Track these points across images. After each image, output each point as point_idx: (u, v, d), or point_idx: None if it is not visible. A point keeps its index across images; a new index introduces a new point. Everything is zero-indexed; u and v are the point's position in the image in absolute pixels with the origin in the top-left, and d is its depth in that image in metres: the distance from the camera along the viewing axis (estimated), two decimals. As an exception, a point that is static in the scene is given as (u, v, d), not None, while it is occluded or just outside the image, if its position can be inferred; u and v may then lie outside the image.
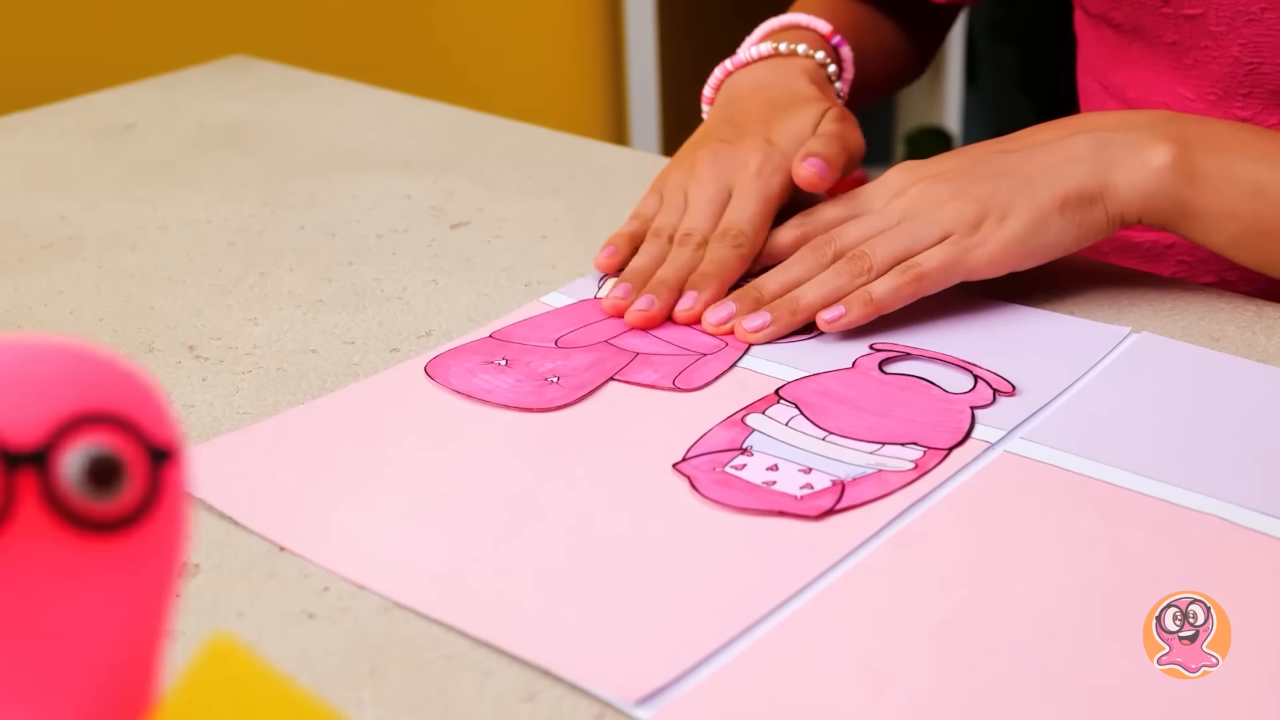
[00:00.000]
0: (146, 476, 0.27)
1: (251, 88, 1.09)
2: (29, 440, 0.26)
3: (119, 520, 0.27)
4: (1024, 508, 0.54)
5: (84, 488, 0.26)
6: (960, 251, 0.66)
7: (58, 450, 0.26)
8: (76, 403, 0.27)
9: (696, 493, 0.54)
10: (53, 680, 0.26)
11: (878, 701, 0.44)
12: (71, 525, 0.26)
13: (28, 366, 0.27)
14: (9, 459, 0.26)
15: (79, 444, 0.26)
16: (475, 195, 0.86)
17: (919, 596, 0.49)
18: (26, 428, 0.26)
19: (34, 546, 0.26)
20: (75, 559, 0.27)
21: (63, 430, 0.26)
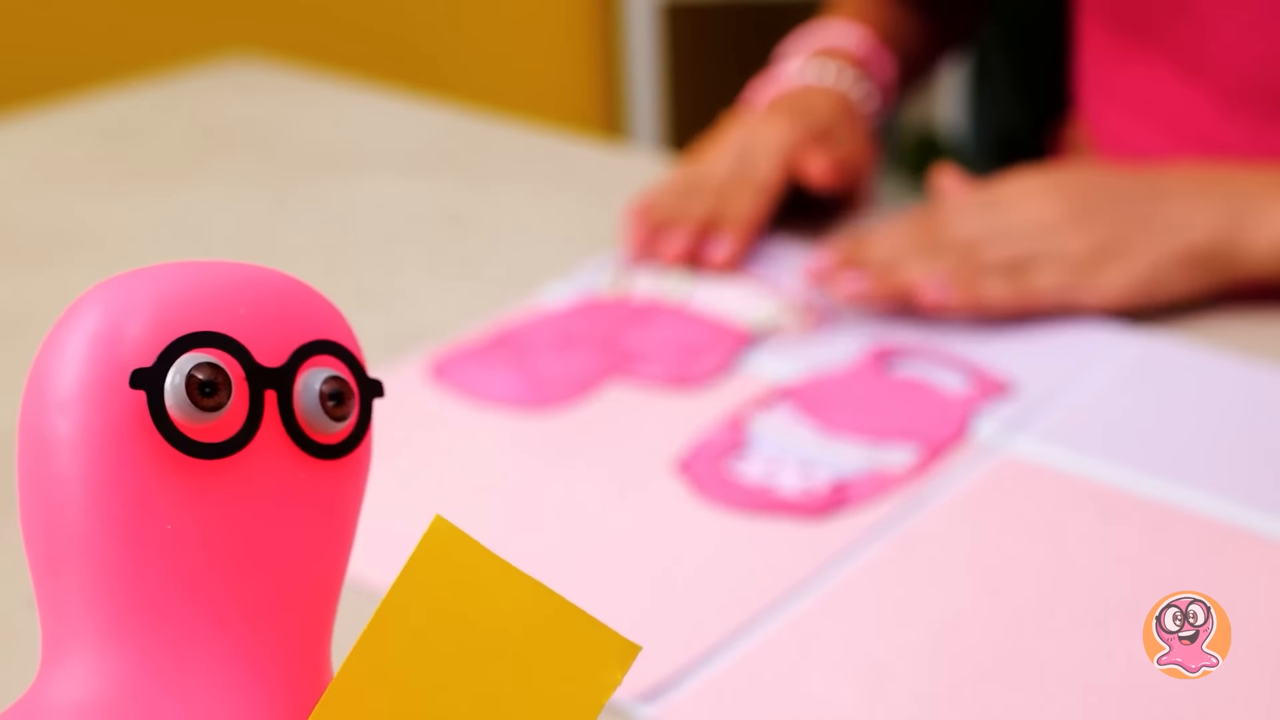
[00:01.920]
0: (360, 407, 0.28)
1: (251, 88, 1.09)
2: (272, 361, 0.27)
3: (338, 446, 0.28)
4: (1024, 508, 0.54)
5: (318, 412, 0.27)
6: (1076, 284, 0.65)
7: (298, 373, 0.27)
8: (310, 330, 0.28)
9: (696, 493, 0.55)
10: (274, 592, 0.27)
11: (878, 700, 0.44)
12: (303, 447, 0.27)
13: (262, 291, 0.28)
14: (256, 376, 0.27)
15: (314, 369, 0.27)
16: (475, 195, 0.86)
17: (919, 596, 0.49)
18: (270, 349, 0.27)
19: (271, 463, 0.27)
20: (302, 479, 0.27)
21: (300, 355, 0.27)
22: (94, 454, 0.25)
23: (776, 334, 0.67)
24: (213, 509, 0.26)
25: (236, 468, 0.27)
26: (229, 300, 0.27)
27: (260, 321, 0.27)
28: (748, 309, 0.69)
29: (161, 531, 0.26)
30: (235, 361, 0.26)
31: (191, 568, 0.26)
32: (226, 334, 0.26)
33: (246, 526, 0.27)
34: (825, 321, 0.68)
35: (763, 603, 0.48)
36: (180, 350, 0.26)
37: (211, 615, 0.26)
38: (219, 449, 0.26)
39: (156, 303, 0.26)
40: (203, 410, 0.26)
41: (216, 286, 0.27)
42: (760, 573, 0.50)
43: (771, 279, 0.72)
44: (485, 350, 0.66)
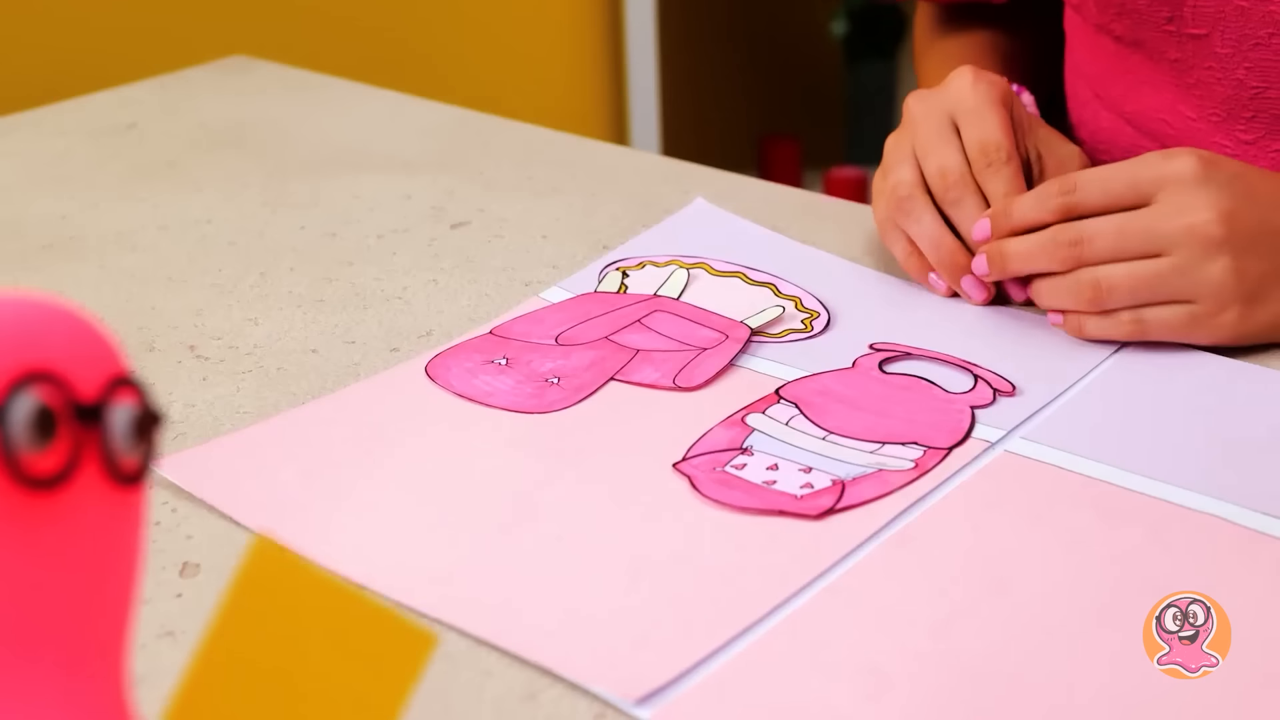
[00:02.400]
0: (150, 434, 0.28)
1: (252, 88, 1.09)
2: (89, 395, 0.27)
3: (139, 473, 0.28)
4: (1024, 508, 0.54)
5: (129, 442, 0.27)
6: (1194, 325, 0.62)
7: (109, 405, 0.27)
8: (116, 364, 0.28)
9: (696, 493, 0.55)
10: (102, 628, 0.27)
11: (878, 701, 0.44)
12: (116, 477, 0.27)
13: (68, 326, 0.27)
14: (79, 411, 0.27)
15: (121, 401, 0.27)
16: (475, 195, 0.86)
17: (919, 596, 0.49)
18: (87, 383, 0.27)
19: (91, 497, 0.27)
20: (117, 510, 0.28)
21: (112, 388, 0.27)
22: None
23: (776, 334, 0.67)
24: (44, 544, 0.26)
25: (62, 503, 0.27)
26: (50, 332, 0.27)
27: (78, 356, 0.27)
28: (748, 309, 0.69)
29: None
30: (59, 395, 0.27)
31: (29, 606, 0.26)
32: (51, 369, 0.27)
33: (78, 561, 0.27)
34: (825, 321, 0.68)
35: (762, 603, 0.48)
36: (21, 387, 0.26)
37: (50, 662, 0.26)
38: (48, 482, 0.26)
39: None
40: (38, 445, 0.26)
41: (23, 317, 0.27)
42: (760, 573, 0.50)
43: (771, 279, 0.72)
44: (485, 350, 0.66)
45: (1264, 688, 0.44)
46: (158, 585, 0.51)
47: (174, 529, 0.54)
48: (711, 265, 0.73)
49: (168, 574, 0.52)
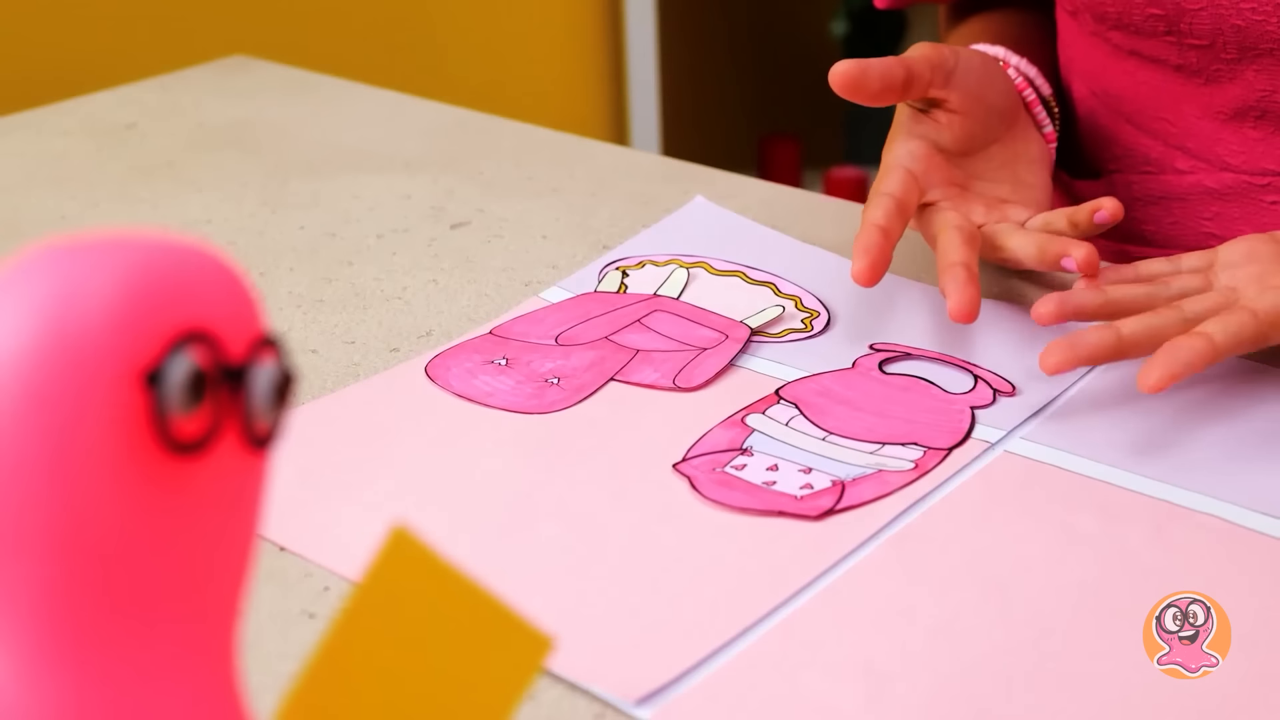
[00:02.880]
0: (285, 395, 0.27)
1: (252, 88, 1.09)
2: (235, 356, 0.26)
3: (272, 436, 0.27)
4: (1024, 508, 0.54)
5: (269, 406, 0.26)
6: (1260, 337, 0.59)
7: (253, 367, 0.26)
8: (258, 324, 0.27)
9: (696, 493, 0.55)
10: (229, 585, 0.27)
11: (877, 701, 0.44)
12: (254, 441, 0.27)
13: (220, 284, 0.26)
14: (226, 373, 0.26)
15: (265, 363, 0.26)
16: (475, 195, 0.86)
17: (919, 596, 0.49)
18: (234, 343, 0.26)
19: (230, 457, 0.26)
20: (252, 474, 0.27)
21: (257, 349, 0.27)
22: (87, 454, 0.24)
23: (776, 334, 0.67)
24: (187, 507, 0.26)
25: (205, 465, 0.26)
26: (198, 287, 0.26)
27: (226, 314, 0.26)
28: (748, 309, 0.69)
29: (144, 531, 0.25)
30: (210, 357, 0.26)
31: (157, 566, 0.26)
32: (206, 329, 0.26)
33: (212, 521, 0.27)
34: (825, 321, 0.68)
35: (762, 603, 0.48)
36: (171, 347, 0.25)
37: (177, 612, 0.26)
38: (196, 446, 0.25)
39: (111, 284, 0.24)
40: (188, 409, 0.25)
41: (180, 270, 0.26)
42: (760, 573, 0.50)
43: (771, 279, 0.72)
44: (485, 350, 0.66)
45: (1264, 688, 0.44)
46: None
47: (174, 529, 0.54)
48: (711, 264, 0.73)
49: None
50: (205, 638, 0.27)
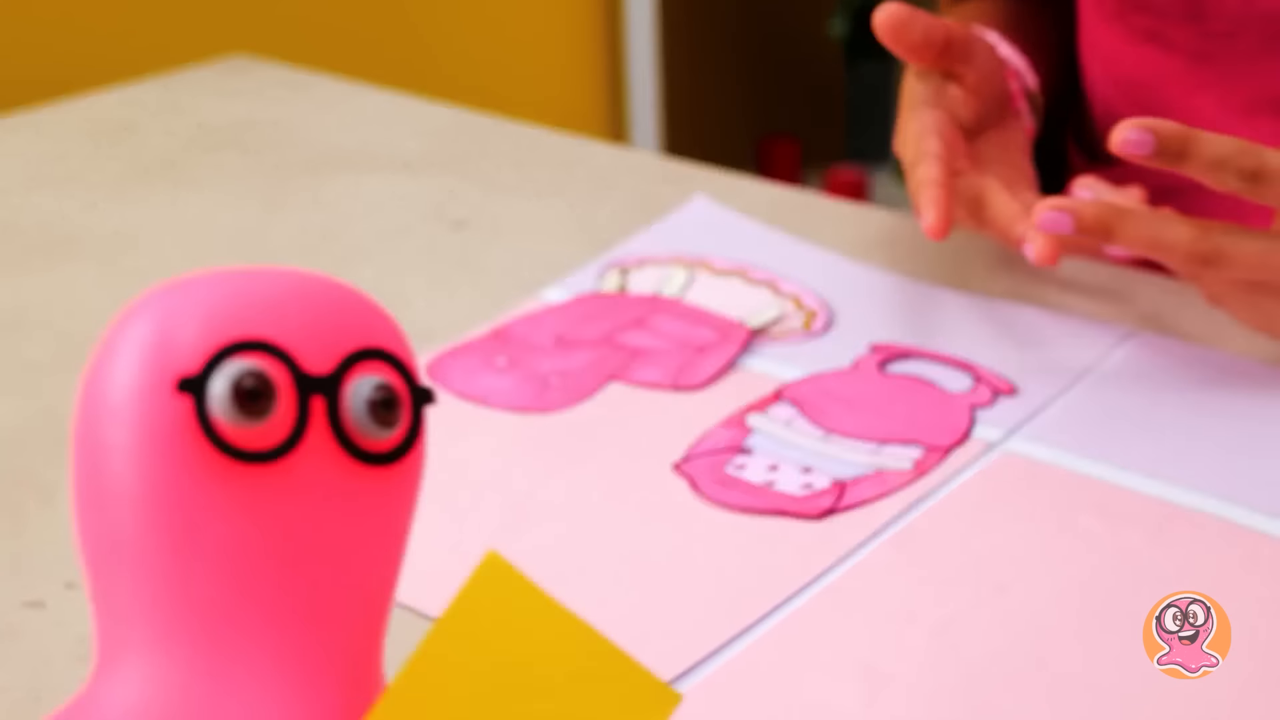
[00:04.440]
0: (411, 415, 0.28)
1: (252, 88, 1.09)
2: (320, 368, 0.27)
3: (388, 454, 0.28)
4: (1024, 508, 0.54)
5: (366, 419, 0.27)
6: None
7: (345, 380, 0.27)
8: (360, 338, 0.28)
9: (696, 493, 0.55)
10: (318, 597, 0.27)
11: (877, 701, 0.44)
12: (351, 454, 0.27)
13: (314, 299, 0.28)
14: (304, 383, 0.27)
15: (363, 377, 0.28)
16: (475, 195, 0.86)
17: (919, 596, 0.49)
18: (319, 356, 0.27)
19: (318, 470, 0.27)
20: (349, 487, 0.27)
21: (349, 362, 0.28)
22: (143, 460, 0.26)
23: (776, 334, 0.67)
24: (262, 514, 0.27)
25: (285, 474, 0.27)
26: (278, 307, 0.27)
27: (310, 329, 0.27)
28: (748, 309, 0.69)
29: (209, 536, 0.26)
30: (283, 368, 0.27)
31: (240, 572, 0.26)
32: (274, 341, 0.27)
33: (296, 532, 0.27)
34: (825, 321, 0.68)
35: (762, 603, 0.48)
36: (227, 357, 0.26)
37: (260, 619, 0.26)
38: (264, 455, 0.26)
39: (206, 310, 0.27)
40: (248, 416, 0.26)
41: (266, 294, 0.27)
42: (760, 573, 0.50)
43: (772, 279, 0.72)
44: (485, 350, 0.66)
45: (1264, 688, 0.44)
46: (158, 585, 0.51)
47: (174, 529, 0.54)
48: (711, 264, 0.73)
49: (168, 574, 0.52)
50: (329, 644, 0.27)
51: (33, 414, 0.63)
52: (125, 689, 0.26)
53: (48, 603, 0.50)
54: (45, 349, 0.69)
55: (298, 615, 0.27)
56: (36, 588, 0.51)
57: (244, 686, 0.26)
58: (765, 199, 0.83)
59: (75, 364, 0.67)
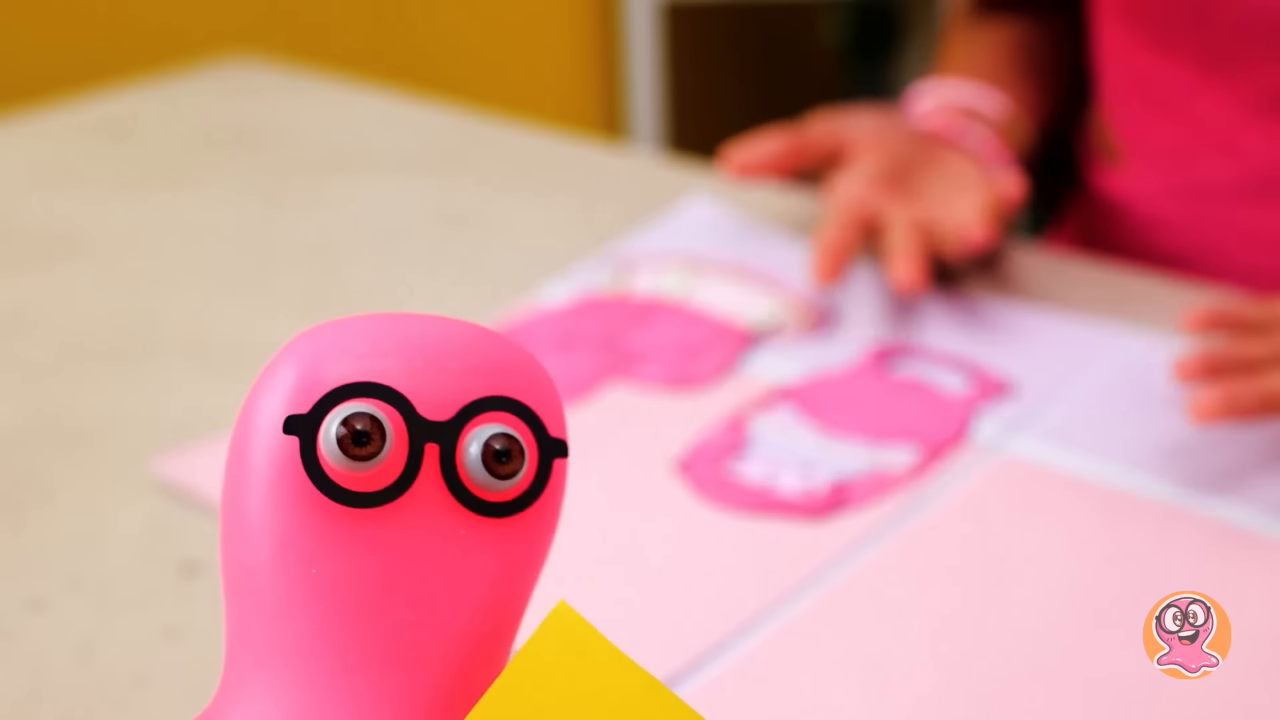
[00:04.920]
0: (537, 466, 0.28)
1: (252, 89, 1.09)
2: (438, 415, 0.27)
3: (506, 505, 0.28)
4: (1024, 508, 0.54)
5: (480, 469, 0.27)
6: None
7: (464, 429, 0.27)
8: (486, 386, 0.28)
9: (696, 493, 0.55)
10: (418, 642, 0.27)
11: (878, 701, 0.44)
12: (463, 502, 0.27)
13: (444, 343, 0.28)
14: (418, 429, 0.27)
15: (483, 425, 0.27)
16: (475, 195, 0.86)
17: (918, 596, 0.49)
18: (438, 403, 0.27)
19: (428, 516, 0.27)
20: (460, 535, 0.27)
21: (470, 410, 0.27)
22: (263, 496, 0.27)
23: (776, 334, 0.67)
24: (370, 557, 0.27)
25: (396, 519, 0.27)
26: (409, 352, 0.28)
27: (436, 374, 0.28)
28: (748, 309, 0.69)
29: (319, 574, 0.27)
30: (397, 413, 0.27)
31: (346, 611, 0.27)
32: (389, 385, 0.27)
33: (404, 576, 0.27)
34: (825, 321, 0.68)
35: (763, 603, 0.48)
36: (339, 399, 0.27)
37: (363, 658, 0.27)
38: (369, 498, 0.27)
39: (334, 352, 0.27)
40: (355, 460, 0.26)
41: (399, 337, 0.28)
42: (760, 573, 0.50)
43: (772, 279, 0.72)
44: (485, 350, 0.65)
45: (1264, 688, 0.44)
46: (158, 585, 0.51)
47: (174, 529, 0.54)
48: (711, 264, 0.73)
49: (168, 574, 0.52)
50: (438, 689, 0.27)
51: (33, 414, 0.63)
52: (236, 712, 0.26)
53: (48, 603, 0.51)
54: (45, 349, 0.69)
55: (400, 660, 0.27)
56: (36, 588, 0.51)
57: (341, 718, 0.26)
58: (765, 199, 0.83)
59: (75, 364, 0.67)
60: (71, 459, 0.59)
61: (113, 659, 0.48)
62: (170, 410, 0.63)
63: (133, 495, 0.56)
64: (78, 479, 0.58)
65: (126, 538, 0.54)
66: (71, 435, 0.61)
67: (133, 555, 0.53)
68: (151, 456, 0.59)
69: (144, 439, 0.60)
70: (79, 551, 0.53)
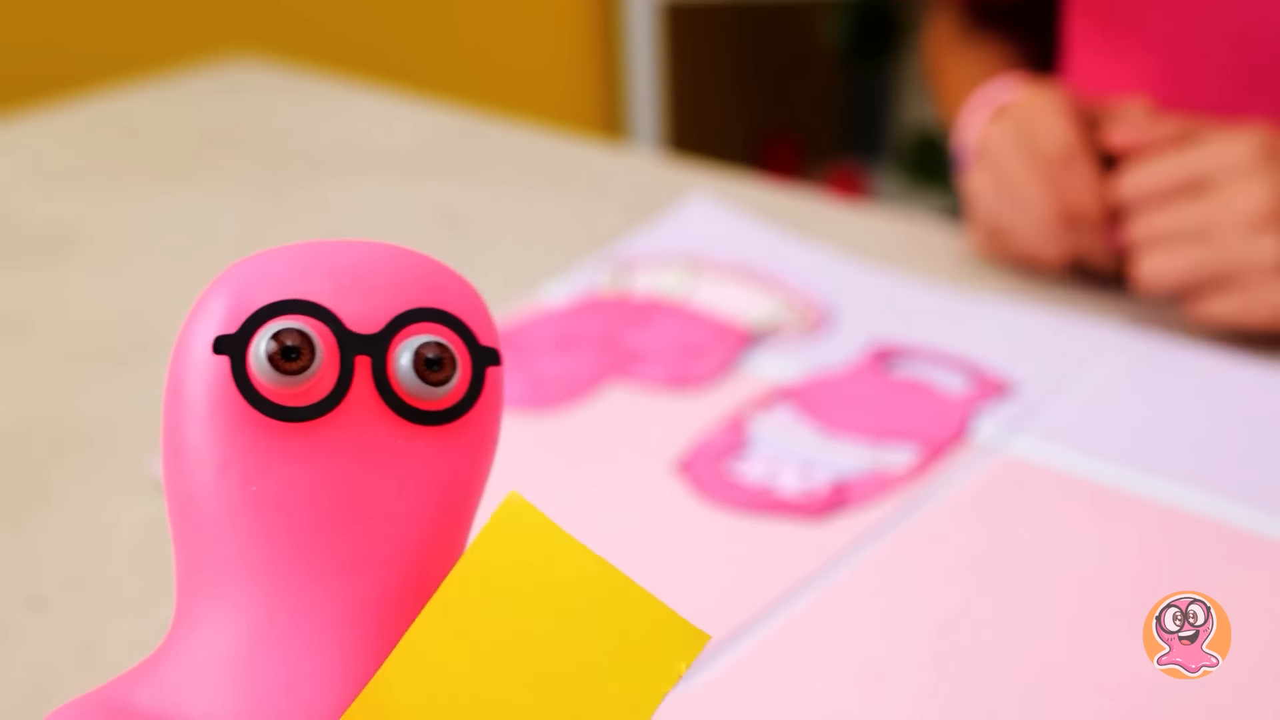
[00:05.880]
0: (469, 375, 0.28)
1: (251, 88, 1.09)
2: (367, 328, 0.28)
3: (441, 413, 0.28)
4: (1024, 508, 0.54)
5: (413, 378, 0.28)
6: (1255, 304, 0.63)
7: (394, 340, 0.28)
8: (413, 299, 0.28)
9: (697, 493, 0.55)
10: (367, 549, 0.27)
11: (878, 701, 0.44)
12: (398, 412, 0.28)
13: (371, 263, 0.28)
14: (348, 342, 0.27)
15: (413, 337, 0.28)
16: (475, 195, 0.86)
17: (919, 596, 0.49)
18: (366, 317, 0.28)
19: (363, 427, 0.28)
20: (398, 443, 0.28)
21: (399, 322, 0.28)
22: (200, 419, 0.27)
23: (776, 334, 0.67)
24: (310, 470, 0.27)
25: (333, 431, 0.27)
26: (334, 271, 0.28)
27: (363, 291, 0.28)
28: (748, 309, 0.69)
29: (261, 490, 0.27)
30: (326, 328, 0.27)
31: (291, 524, 0.27)
32: (316, 302, 0.27)
33: (346, 487, 0.27)
34: (825, 321, 0.68)
35: (763, 603, 0.48)
36: (266, 318, 0.27)
37: (313, 569, 0.27)
38: (303, 412, 0.27)
39: (262, 276, 0.28)
40: (286, 374, 0.27)
41: (325, 259, 0.28)
42: (760, 573, 0.50)
43: (772, 279, 0.72)
44: (485, 350, 0.66)
45: (1264, 688, 0.44)
46: (158, 585, 0.51)
47: (174, 529, 0.54)
48: (711, 264, 0.73)
49: (168, 574, 0.52)
50: (386, 594, 0.28)
51: (33, 414, 0.63)
52: (193, 636, 0.27)
53: (48, 603, 0.51)
54: (45, 349, 0.69)
55: (350, 567, 0.27)
56: (36, 588, 0.51)
57: (297, 634, 0.27)
58: (765, 199, 0.83)
59: (75, 364, 0.67)
60: (71, 459, 0.59)
61: (113, 659, 0.48)
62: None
63: (133, 495, 0.57)
64: (78, 479, 0.58)
65: (126, 538, 0.54)
66: (71, 435, 0.61)
67: (133, 555, 0.53)
68: (151, 456, 0.59)
69: (144, 439, 0.60)
70: (79, 551, 0.53)
